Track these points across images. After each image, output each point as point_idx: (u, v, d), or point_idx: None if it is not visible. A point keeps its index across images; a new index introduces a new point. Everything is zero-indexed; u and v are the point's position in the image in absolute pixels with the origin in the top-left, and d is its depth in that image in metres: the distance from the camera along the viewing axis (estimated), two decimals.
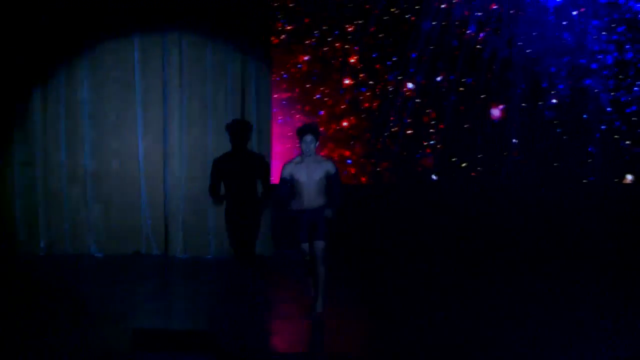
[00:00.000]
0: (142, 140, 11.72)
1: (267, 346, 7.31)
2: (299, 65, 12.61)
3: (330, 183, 7.76)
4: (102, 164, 11.76)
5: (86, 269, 11.09)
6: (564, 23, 12.36)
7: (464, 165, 12.49)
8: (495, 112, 12.29)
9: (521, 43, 12.40)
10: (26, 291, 9.51)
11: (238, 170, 8.49)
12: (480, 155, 12.45)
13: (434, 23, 12.30)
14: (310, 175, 7.71)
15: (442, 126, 12.62)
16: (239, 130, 8.58)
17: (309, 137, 7.65)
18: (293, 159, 7.89)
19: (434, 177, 12.52)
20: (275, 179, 10.24)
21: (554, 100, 12.38)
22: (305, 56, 12.60)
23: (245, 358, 6.63)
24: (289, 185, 7.80)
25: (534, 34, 12.40)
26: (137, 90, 11.68)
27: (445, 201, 12.27)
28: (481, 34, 12.46)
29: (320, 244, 7.74)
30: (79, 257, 11.62)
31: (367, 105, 12.66)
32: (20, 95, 11.57)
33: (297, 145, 7.90)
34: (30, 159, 11.68)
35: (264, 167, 8.74)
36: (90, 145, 11.70)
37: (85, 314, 8.30)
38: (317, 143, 7.77)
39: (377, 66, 12.63)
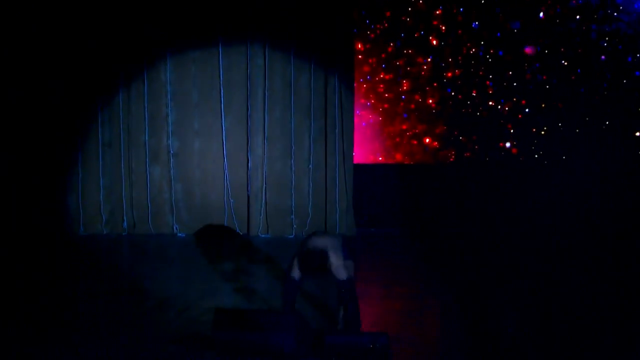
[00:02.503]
0: (225, 120, 11.60)
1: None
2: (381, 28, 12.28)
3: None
4: (185, 144, 11.69)
5: (167, 248, 11.10)
6: None
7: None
8: None
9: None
10: (106, 270, 9.71)
11: None
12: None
13: None
14: None
15: (523, 102, 12.27)
16: None
17: None
18: None
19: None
20: None
21: None
22: (387, 15, 12.24)
23: (323, 338, 6.53)
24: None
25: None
26: (220, 69, 11.52)
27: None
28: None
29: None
30: (161, 237, 11.65)
31: (450, 74, 12.28)
32: (104, 76, 11.47)
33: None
34: (114, 139, 11.66)
35: None
36: (173, 125, 11.63)
37: (164, 294, 8.39)
38: None
39: (460, 32, 12.21)
